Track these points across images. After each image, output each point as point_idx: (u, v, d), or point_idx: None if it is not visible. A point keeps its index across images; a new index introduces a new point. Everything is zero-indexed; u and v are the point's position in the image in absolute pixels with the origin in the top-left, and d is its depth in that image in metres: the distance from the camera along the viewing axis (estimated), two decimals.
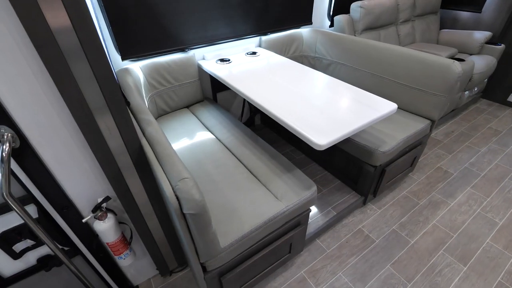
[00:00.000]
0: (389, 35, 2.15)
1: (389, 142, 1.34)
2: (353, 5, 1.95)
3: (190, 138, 1.39)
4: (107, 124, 0.74)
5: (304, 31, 2.00)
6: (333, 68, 1.92)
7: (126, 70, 1.29)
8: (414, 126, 1.46)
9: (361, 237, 1.45)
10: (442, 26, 2.64)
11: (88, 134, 0.72)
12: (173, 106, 1.64)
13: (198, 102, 1.75)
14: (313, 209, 1.53)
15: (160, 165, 0.73)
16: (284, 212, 1.01)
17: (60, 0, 0.55)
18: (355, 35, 2.02)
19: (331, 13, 2.10)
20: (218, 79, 1.46)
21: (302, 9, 1.91)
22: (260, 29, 1.81)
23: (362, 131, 1.42)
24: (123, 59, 1.36)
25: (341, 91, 1.24)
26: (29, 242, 0.86)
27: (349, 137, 1.40)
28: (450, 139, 2.18)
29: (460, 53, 2.40)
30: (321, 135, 0.96)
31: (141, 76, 1.41)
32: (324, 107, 1.12)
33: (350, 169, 1.60)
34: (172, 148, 0.78)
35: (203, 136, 1.41)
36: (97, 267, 1.06)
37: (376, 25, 2.04)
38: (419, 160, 1.96)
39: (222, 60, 1.65)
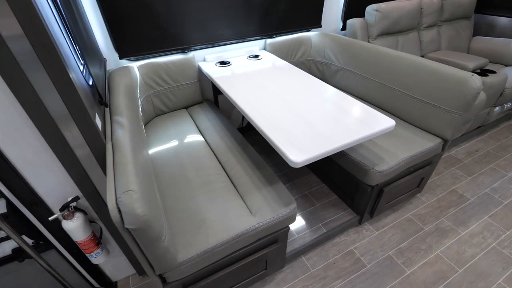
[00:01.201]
0: (409, 41, 1.97)
1: (388, 161, 1.22)
2: (368, 8, 1.82)
3: (179, 140, 1.38)
4: (69, 129, 0.74)
5: (313, 34, 1.90)
6: (342, 75, 1.81)
7: (120, 70, 1.31)
8: (422, 144, 1.32)
9: (351, 259, 1.35)
10: (476, 32, 2.39)
11: (48, 137, 0.72)
12: (170, 107, 1.64)
13: (197, 104, 1.74)
14: (302, 224, 1.45)
15: (114, 173, 0.71)
16: (256, 228, 0.95)
17: (8, 6, 0.55)
18: (369, 41, 1.88)
19: (344, 16, 1.98)
20: (213, 82, 1.43)
21: (311, 11, 1.82)
22: (265, 31, 1.76)
23: (360, 146, 1.31)
24: (120, 58, 1.38)
25: (338, 103, 1.15)
26: (3, 233, 0.90)
27: (344, 152, 1.30)
28: (472, 159, 1.96)
29: (493, 63, 2.15)
30: (299, 151, 0.89)
31: (137, 76, 1.42)
32: (314, 120, 1.04)
33: (346, 184, 1.50)
34: (131, 155, 0.76)
35: (193, 139, 1.39)
36: (73, 262, 1.08)
37: (393, 30, 1.89)
38: (431, 180, 1.78)
39: (222, 62, 1.62)
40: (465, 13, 2.17)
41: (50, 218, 0.85)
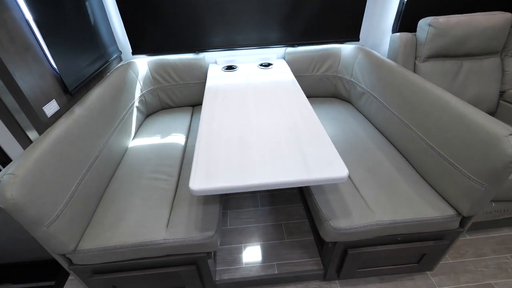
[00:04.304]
0: (481, 70, 1.46)
1: (355, 219, 0.96)
2: (421, 22, 1.43)
3: (163, 136, 1.44)
4: (18, 113, 0.88)
5: (345, 47, 1.64)
6: (366, 100, 1.50)
7: (127, 63, 1.45)
8: (421, 211, 0.98)
9: None
10: None
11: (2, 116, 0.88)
12: (177, 102, 1.73)
13: None
14: (256, 255, 1.30)
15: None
16: (161, 244, 0.92)
17: None
18: (415, 63, 1.49)
19: (397, 29, 1.62)
20: (206, 86, 1.42)
21: (347, 21, 1.56)
22: (288, 40, 1.62)
23: (334, 191, 1.08)
24: (133, 53, 1.54)
25: (301, 136, 0.96)
26: None
27: (311, 191, 1.10)
28: None
29: None
30: (205, 179, 0.80)
31: (145, 70, 1.55)
32: (257, 149, 0.91)
33: None
34: (50, 143, 0.84)
35: (175, 138, 1.43)
36: None
37: (455, 52, 1.43)
38: (460, 260, 1.31)
39: (228, 67, 1.59)
40: None
41: None
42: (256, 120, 1.07)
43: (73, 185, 0.90)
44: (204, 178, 0.80)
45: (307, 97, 1.81)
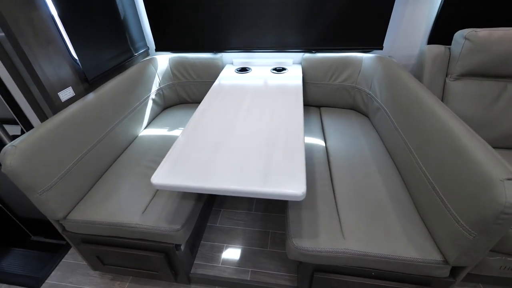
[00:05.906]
0: None
1: (321, 242, 0.90)
2: (457, 35, 1.23)
3: (170, 129, 1.54)
4: (39, 101, 1.06)
5: (367, 56, 1.51)
6: (380, 116, 1.37)
7: (150, 59, 1.59)
8: (399, 249, 0.87)
9: None
10: None
11: (32, 104, 1.06)
12: (193, 98, 1.82)
13: None
14: (234, 257, 1.31)
15: None
16: (133, 227, 1.00)
17: None
18: (445, 81, 1.30)
19: (432, 40, 1.43)
20: (212, 85, 1.47)
21: (369, 28, 1.44)
22: (306, 45, 1.57)
23: (310, 208, 1.02)
24: (156, 50, 1.67)
25: (278, 147, 0.94)
26: None
27: (288, 203, 1.06)
28: None
29: None
30: (168, 174, 0.84)
31: (165, 66, 1.68)
32: (228, 153, 0.92)
33: None
34: (55, 124, 0.98)
35: (179, 133, 1.51)
36: None
37: (498, 72, 1.20)
38: None
39: (242, 69, 1.61)
40: None
41: None
42: (241, 125, 1.07)
43: (70, 163, 1.04)
44: (167, 174, 0.84)
45: (324, 107, 1.73)
